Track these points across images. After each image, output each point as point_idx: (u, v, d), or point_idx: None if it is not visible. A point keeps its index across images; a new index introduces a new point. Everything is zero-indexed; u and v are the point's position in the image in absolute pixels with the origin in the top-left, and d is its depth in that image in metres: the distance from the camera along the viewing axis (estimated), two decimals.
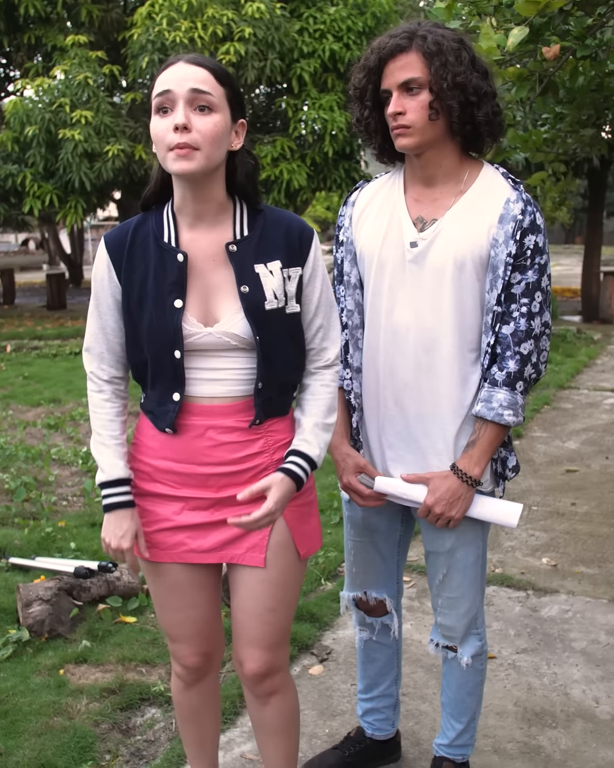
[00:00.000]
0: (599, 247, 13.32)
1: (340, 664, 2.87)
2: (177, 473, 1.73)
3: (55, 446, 5.64)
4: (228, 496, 1.72)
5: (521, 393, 1.87)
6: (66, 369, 8.84)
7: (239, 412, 1.69)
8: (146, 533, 1.78)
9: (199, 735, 2.00)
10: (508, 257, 1.80)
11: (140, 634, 3.01)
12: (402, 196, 1.93)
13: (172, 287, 1.64)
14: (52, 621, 2.99)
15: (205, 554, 1.76)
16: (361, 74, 1.86)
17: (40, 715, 2.51)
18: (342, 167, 12.50)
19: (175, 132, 1.54)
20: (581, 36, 2.88)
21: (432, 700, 2.66)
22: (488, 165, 1.91)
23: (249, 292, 1.65)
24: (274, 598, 1.77)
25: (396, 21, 12.34)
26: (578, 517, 4.32)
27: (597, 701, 2.66)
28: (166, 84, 1.56)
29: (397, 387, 1.94)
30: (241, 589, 1.79)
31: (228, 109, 1.60)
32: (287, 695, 1.89)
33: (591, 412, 6.74)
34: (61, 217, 11.73)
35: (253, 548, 1.74)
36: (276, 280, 1.66)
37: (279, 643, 1.83)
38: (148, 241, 1.67)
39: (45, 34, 12.00)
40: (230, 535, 1.74)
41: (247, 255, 1.66)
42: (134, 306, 1.67)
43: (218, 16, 10.70)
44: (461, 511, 1.90)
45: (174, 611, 1.84)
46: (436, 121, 1.79)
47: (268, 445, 1.73)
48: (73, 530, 4.01)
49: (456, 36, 1.79)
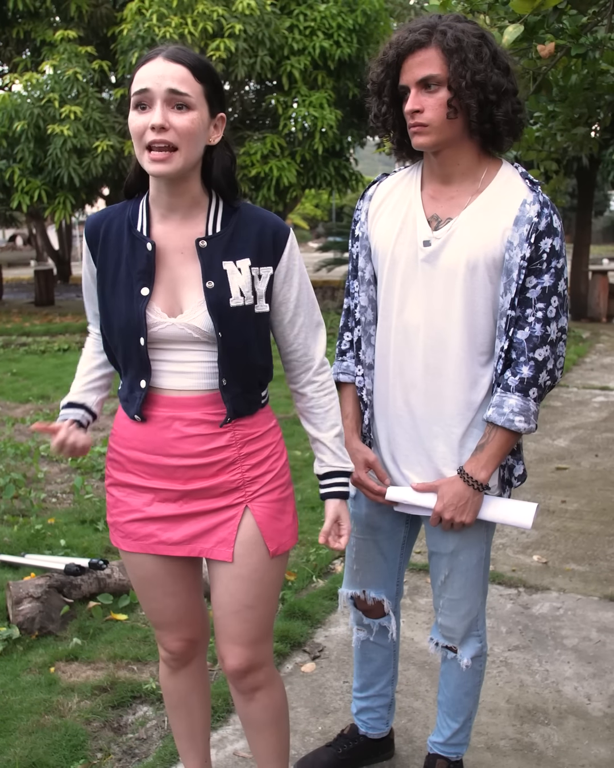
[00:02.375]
0: (587, 245, 13.38)
1: (332, 662, 2.87)
2: (146, 464, 1.75)
3: (44, 443, 5.61)
4: (196, 488, 1.73)
5: (534, 400, 1.83)
6: (54, 365, 8.80)
7: (205, 405, 1.70)
8: (120, 523, 1.80)
9: (188, 724, 2.00)
10: (523, 260, 1.76)
11: (131, 632, 3.00)
12: (419, 192, 1.90)
13: (140, 275, 1.66)
14: (43, 618, 2.97)
15: (174, 546, 1.76)
16: (379, 69, 1.82)
17: (30, 714, 2.49)
18: (332, 164, 12.50)
19: (152, 131, 1.54)
20: (575, 34, 2.87)
21: (425, 697, 2.66)
22: (507, 164, 1.87)
23: (214, 288, 1.65)
24: (250, 594, 1.77)
25: (386, 18, 12.35)
26: (568, 515, 4.34)
27: (588, 698, 2.66)
28: (144, 82, 1.55)
29: (406, 386, 1.92)
30: (217, 584, 1.80)
31: (206, 105, 1.59)
32: (272, 691, 1.88)
33: (581, 410, 6.77)
34: (50, 213, 11.69)
35: (220, 543, 1.75)
36: (243, 278, 1.66)
37: (259, 640, 1.82)
38: (122, 229, 1.69)
39: (34, 28, 11.95)
40: (199, 528, 1.75)
41: (216, 251, 1.66)
42: (108, 291, 1.70)
43: (208, 12, 10.67)
44: (471, 515, 1.88)
45: (152, 600, 1.86)
46: (454, 119, 1.75)
47: (236, 438, 1.73)
48: (63, 527, 3.99)
49: (477, 31, 1.74)
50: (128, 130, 1.62)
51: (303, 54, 11.61)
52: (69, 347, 10.04)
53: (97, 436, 5.85)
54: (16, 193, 11.26)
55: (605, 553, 3.83)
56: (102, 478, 4.89)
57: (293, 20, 11.59)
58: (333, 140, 12.02)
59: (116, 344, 1.71)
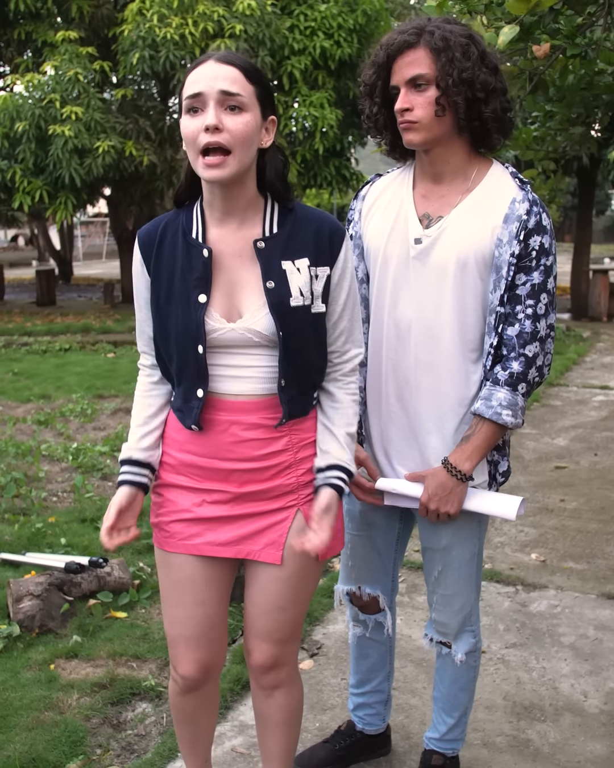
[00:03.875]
0: (588, 245, 13.37)
1: (330, 659, 2.88)
2: (200, 467, 1.73)
3: (44, 442, 5.64)
4: (250, 491, 1.72)
5: (523, 395, 1.85)
6: (55, 365, 8.81)
7: (263, 409, 1.69)
8: (165, 523, 1.77)
9: (192, 736, 1.98)
10: (512, 257, 1.78)
11: (131, 629, 3.01)
12: (411, 191, 1.92)
13: (197, 282, 1.64)
14: (43, 616, 2.99)
15: (221, 547, 1.74)
16: (370, 70, 1.85)
17: (30, 710, 2.51)
18: (332, 164, 12.52)
19: (206, 132, 1.54)
20: (571, 35, 2.89)
21: (422, 694, 2.67)
22: (497, 163, 1.90)
23: (274, 288, 1.63)
24: (286, 597, 1.78)
25: (386, 18, 12.36)
26: (567, 513, 4.35)
27: (585, 695, 2.68)
28: (196, 85, 1.55)
29: (399, 383, 1.94)
30: (254, 584, 1.80)
31: (258, 107, 1.59)
32: (292, 690, 1.91)
33: (581, 409, 6.77)
34: (51, 213, 11.70)
35: (270, 545, 1.74)
36: (303, 278, 1.65)
37: (288, 639, 1.84)
38: (177, 236, 1.68)
39: (35, 29, 11.95)
40: (249, 530, 1.74)
41: (274, 251, 1.65)
42: (163, 301, 1.68)
43: (209, 13, 10.69)
44: (455, 505, 1.89)
45: (180, 607, 1.80)
46: (443, 117, 1.77)
47: (292, 443, 1.73)
48: (64, 526, 4.01)
49: (465, 32, 1.77)
50: (128, 130, 1.63)
51: (303, 54, 11.62)
52: (70, 347, 10.05)
53: (98, 435, 5.87)
54: (18, 193, 11.27)
55: (603, 551, 3.84)
56: (102, 477, 4.91)
57: (293, 20, 11.61)
58: (334, 140, 12.03)
59: (171, 354, 1.69)
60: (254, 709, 1.97)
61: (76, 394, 7.23)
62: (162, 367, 1.76)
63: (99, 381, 7.85)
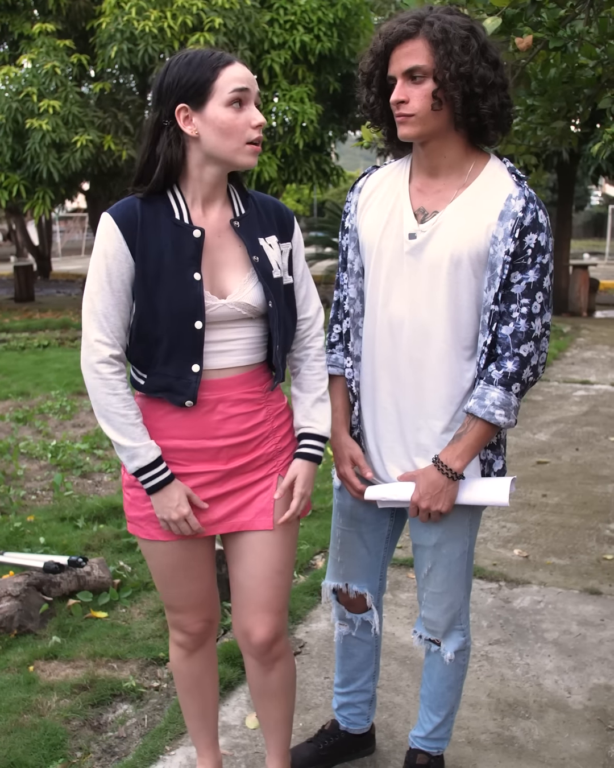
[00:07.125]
0: (568, 240, 13.43)
1: (313, 658, 2.86)
2: (187, 450, 1.78)
3: (23, 440, 5.57)
4: (236, 466, 1.82)
5: (516, 395, 1.83)
6: (34, 362, 8.73)
7: (245, 383, 1.80)
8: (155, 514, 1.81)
9: (201, 704, 2.07)
10: (506, 255, 1.75)
11: (111, 630, 2.97)
12: (407, 185, 1.89)
13: (190, 261, 1.71)
14: (22, 617, 2.94)
15: (214, 526, 1.83)
16: (369, 59, 1.81)
17: (9, 713, 2.47)
18: (313, 159, 12.47)
19: (256, 129, 1.70)
20: (553, 27, 2.87)
21: (406, 692, 2.66)
22: (495, 158, 1.86)
23: (259, 262, 1.77)
24: (281, 560, 1.87)
25: (366, 12, 12.32)
26: (549, 509, 4.35)
27: (569, 691, 2.67)
28: (242, 81, 1.67)
29: (391, 379, 1.92)
30: (248, 555, 1.85)
31: None
32: (289, 658, 2.00)
33: (561, 404, 6.79)
34: (29, 208, 11.56)
35: (260, 512, 1.83)
36: (275, 252, 1.81)
37: (284, 607, 1.92)
38: (159, 217, 1.73)
39: (11, 21, 11.81)
40: (238, 503, 1.83)
41: (252, 229, 1.79)
42: (151, 281, 1.71)
43: (188, 6, 10.60)
44: (447, 503, 1.87)
45: (177, 585, 1.91)
46: (439, 111, 1.73)
47: (270, 413, 1.85)
48: (43, 525, 3.96)
49: (466, 23, 1.72)
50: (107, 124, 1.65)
51: (283, 48, 11.55)
52: (49, 343, 9.96)
53: (77, 433, 5.81)
54: None
55: (585, 546, 3.84)
56: (82, 475, 4.86)
57: (273, 14, 11.53)
58: (314, 135, 11.97)
59: (160, 333, 1.71)
60: (253, 687, 2.01)
61: (54, 391, 7.16)
62: (138, 351, 1.75)
63: (78, 378, 7.76)
